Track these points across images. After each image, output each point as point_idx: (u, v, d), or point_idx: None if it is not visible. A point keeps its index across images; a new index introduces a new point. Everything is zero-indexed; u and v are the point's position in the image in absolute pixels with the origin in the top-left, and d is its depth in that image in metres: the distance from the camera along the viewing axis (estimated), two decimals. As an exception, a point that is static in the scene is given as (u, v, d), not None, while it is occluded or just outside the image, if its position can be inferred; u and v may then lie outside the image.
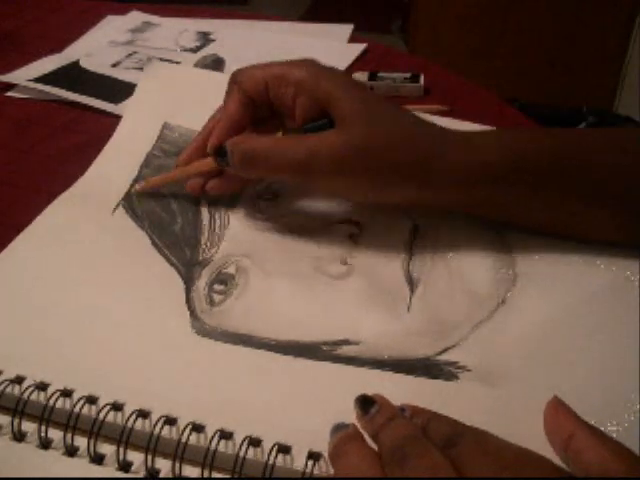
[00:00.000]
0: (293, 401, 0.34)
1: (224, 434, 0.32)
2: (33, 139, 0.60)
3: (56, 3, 0.90)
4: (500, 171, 0.40)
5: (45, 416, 0.33)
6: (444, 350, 0.37)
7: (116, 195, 0.49)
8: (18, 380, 0.34)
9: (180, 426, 0.32)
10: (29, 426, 0.33)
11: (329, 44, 0.78)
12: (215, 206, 0.48)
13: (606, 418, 0.33)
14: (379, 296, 0.40)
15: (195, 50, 0.77)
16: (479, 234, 0.44)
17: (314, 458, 0.31)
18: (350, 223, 0.45)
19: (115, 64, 0.73)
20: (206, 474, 0.31)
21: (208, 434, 0.32)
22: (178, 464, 0.31)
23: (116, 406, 0.33)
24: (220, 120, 0.46)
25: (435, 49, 1.95)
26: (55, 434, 0.33)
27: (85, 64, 0.72)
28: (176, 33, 0.81)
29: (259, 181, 0.50)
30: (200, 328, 0.38)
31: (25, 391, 0.34)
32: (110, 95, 0.65)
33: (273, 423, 0.33)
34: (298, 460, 0.31)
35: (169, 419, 0.33)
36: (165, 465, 0.32)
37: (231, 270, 0.42)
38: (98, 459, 0.32)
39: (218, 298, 0.41)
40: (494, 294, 0.40)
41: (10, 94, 0.67)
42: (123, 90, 0.66)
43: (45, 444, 0.32)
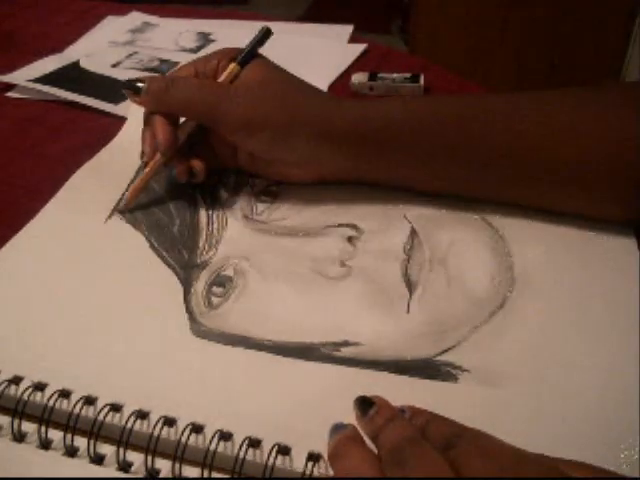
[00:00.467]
0: (292, 402, 0.34)
1: (224, 435, 0.32)
2: (33, 139, 0.60)
3: (56, 4, 0.90)
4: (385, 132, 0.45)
5: (45, 416, 0.33)
6: (443, 351, 0.37)
7: (114, 196, 0.49)
8: (16, 380, 0.35)
9: (180, 427, 0.32)
10: (29, 427, 0.33)
11: (329, 44, 0.78)
12: (213, 208, 0.48)
13: (605, 419, 0.33)
14: (378, 298, 0.40)
15: (195, 50, 0.77)
16: (477, 237, 0.44)
17: (314, 459, 0.31)
18: (348, 226, 0.45)
19: (115, 64, 0.73)
20: (206, 474, 0.31)
21: (208, 435, 0.32)
22: (178, 464, 0.31)
23: (115, 407, 0.33)
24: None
25: (435, 49, 1.95)
26: (55, 435, 0.33)
27: (85, 64, 0.72)
28: (176, 33, 0.81)
29: (258, 183, 0.50)
30: (199, 330, 0.38)
31: (25, 392, 0.34)
32: (110, 95, 0.65)
33: (272, 424, 0.33)
34: (298, 461, 0.31)
35: (168, 419, 0.33)
36: (165, 465, 0.32)
37: (229, 272, 0.42)
38: (98, 459, 0.32)
39: (217, 300, 0.41)
40: (493, 297, 0.40)
41: (10, 94, 0.67)
42: (123, 90, 0.66)
43: (45, 445, 0.33)
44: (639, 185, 0.41)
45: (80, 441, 0.32)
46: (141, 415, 0.33)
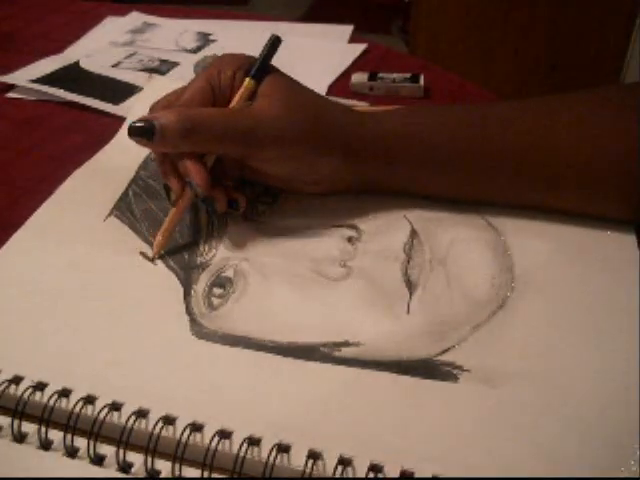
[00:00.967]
0: (292, 402, 0.34)
1: (224, 434, 0.32)
2: (33, 140, 0.60)
3: (56, 4, 0.90)
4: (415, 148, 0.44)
5: (45, 417, 0.33)
6: (443, 351, 0.37)
7: (114, 195, 0.49)
8: (16, 380, 0.35)
9: (180, 426, 0.32)
10: (29, 427, 0.33)
11: (329, 44, 0.79)
12: (213, 209, 0.48)
13: (605, 419, 0.33)
14: (378, 298, 0.40)
15: (195, 51, 0.77)
16: (477, 237, 0.44)
17: (314, 457, 0.31)
18: (348, 226, 0.45)
19: (115, 65, 0.73)
20: (206, 474, 0.31)
21: (208, 434, 0.32)
22: (178, 464, 0.31)
23: (115, 406, 0.33)
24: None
25: (435, 49, 1.95)
26: (55, 435, 0.33)
27: (85, 65, 0.72)
28: (176, 34, 0.81)
29: (258, 183, 0.50)
30: (199, 332, 0.38)
31: (25, 392, 0.34)
32: (110, 96, 0.65)
33: (273, 423, 0.33)
34: (298, 460, 0.31)
35: (168, 419, 0.33)
36: (165, 466, 0.32)
37: (229, 273, 0.42)
38: (98, 460, 0.32)
39: (217, 302, 0.41)
40: (493, 297, 0.40)
41: (10, 95, 0.67)
42: (123, 91, 0.66)
43: (45, 445, 0.33)
44: None
45: (80, 442, 0.32)
46: (141, 414, 0.33)
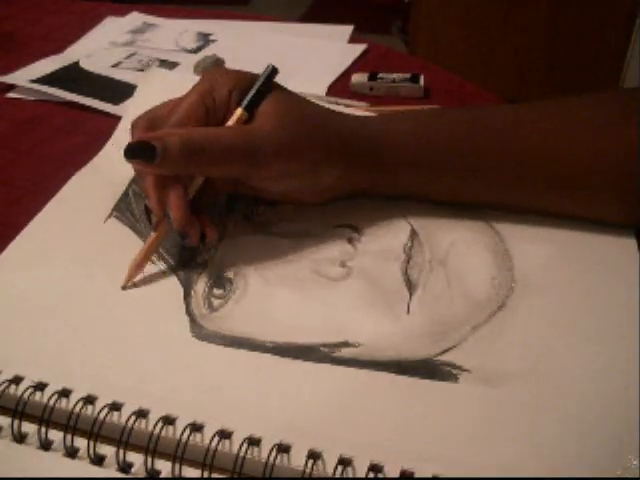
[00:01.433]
0: (292, 402, 0.34)
1: (224, 434, 0.32)
2: (33, 140, 0.60)
3: (56, 4, 0.90)
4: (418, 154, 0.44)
5: (45, 417, 0.33)
6: (443, 351, 0.37)
7: (114, 195, 0.49)
8: (16, 380, 0.35)
9: (180, 426, 0.32)
10: (30, 428, 0.33)
11: (329, 45, 0.79)
12: (213, 209, 0.48)
13: (605, 419, 0.33)
14: (378, 298, 0.40)
15: (195, 51, 0.77)
16: (477, 237, 0.44)
17: (314, 458, 0.31)
18: (348, 227, 0.45)
19: (115, 65, 0.73)
20: (206, 474, 0.31)
21: (208, 434, 0.32)
22: (178, 464, 0.31)
23: (115, 406, 0.33)
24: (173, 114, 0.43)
25: (435, 49, 1.95)
26: (55, 435, 0.33)
27: (85, 65, 0.72)
28: (176, 34, 0.81)
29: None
30: (199, 333, 0.38)
31: (25, 392, 0.34)
32: (110, 96, 0.65)
33: (272, 423, 0.33)
34: (298, 460, 0.31)
35: (168, 419, 0.33)
36: (165, 466, 0.32)
37: (230, 274, 0.42)
38: (98, 461, 0.32)
39: (217, 302, 0.41)
40: (493, 297, 0.40)
41: (10, 95, 0.67)
42: (123, 91, 0.66)
43: (46, 445, 0.33)
44: None
45: (80, 442, 0.32)
46: (141, 414, 0.33)
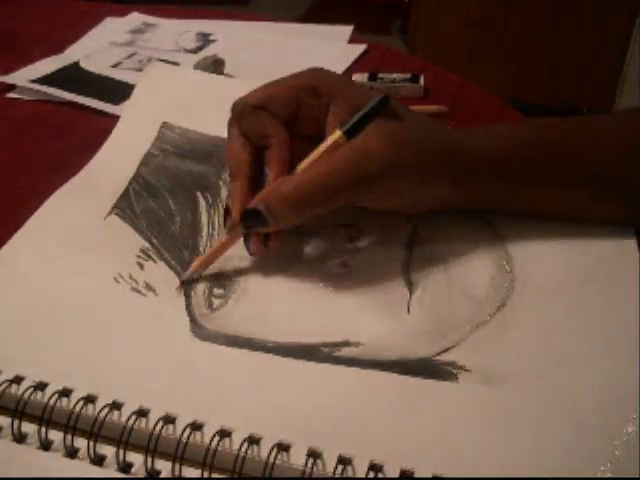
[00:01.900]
0: (293, 402, 0.34)
1: (224, 433, 0.32)
2: (33, 140, 0.60)
3: (56, 4, 0.90)
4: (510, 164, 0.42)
5: (45, 417, 0.33)
6: (444, 351, 0.37)
7: (114, 194, 0.49)
8: (17, 380, 0.35)
9: (180, 425, 0.32)
10: (30, 428, 0.33)
11: (329, 45, 0.78)
12: (214, 208, 0.48)
13: (605, 419, 0.33)
14: (378, 297, 0.40)
15: (195, 51, 0.77)
16: (478, 237, 0.44)
17: (314, 457, 0.31)
18: (349, 226, 0.45)
19: (115, 65, 0.73)
20: (206, 474, 0.31)
21: (208, 434, 0.32)
22: (178, 464, 0.31)
23: (115, 406, 0.33)
24: (235, 178, 0.42)
25: (435, 49, 1.95)
26: (55, 435, 0.33)
27: (85, 65, 0.72)
28: (176, 34, 0.81)
29: None
30: (199, 332, 0.38)
31: (25, 392, 0.34)
32: (110, 96, 0.65)
33: (272, 423, 0.33)
34: (298, 459, 0.31)
35: (168, 419, 0.33)
36: (165, 466, 0.32)
37: (230, 274, 0.42)
38: (98, 460, 0.32)
39: (217, 302, 0.40)
40: (493, 297, 0.40)
41: (10, 95, 0.67)
42: (123, 91, 0.66)
43: (46, 445, 0.33)
44: None
45: (80, 442, 0.32)
46: (141, 414, 0.33)
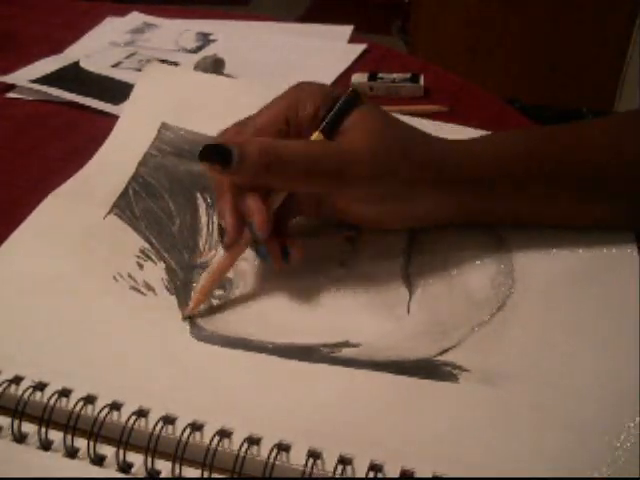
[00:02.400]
0: (292, 402, 0.34)
1: (224, 434, 0.32)
2: (33, 140, 0.60)
3: (56, 4, 0.90)
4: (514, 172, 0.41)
5: (45, 417, 0.33)
6: (443, 351, 0.37)
7: (113, 193, 0.49)
8: (17, 380, 0.35)
9: (180, 426, 0.32)
10: (30, 428, 0.33)
11: (329, 45, 0.78)
12: (213, 209, 0.48)
13: (605, 419, 0.33)
14: (378, 298, 0.40)
15: (195, 51, 0.77)
16: (477, 238, 0.44)
17: (314, 457, 0.31)
18: (348, 226, 0.45)
19: (115, 65, 0.73)
20: (206, 474, 0.31)
21: (208, 434, 0.32)
22: (178, 464, 0.31)
23: (115, 406, 0.33)
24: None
25: (435, 49, 1.95)
26: (55, 435, 0.33)
27: (85, 65, 0.72)
28: (176, 34, 0.81)
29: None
30: (198, 333, 0.38)
31: (25, 392, 0.34)
32: (110, 96, 0.65)
33: (272, 423, 0.33)
34: (298, 459, 0.31)
35: (168, 419, 0.33)
36: (165, 466, 0.32)
37: (229, 274, 0.42)
38: (98, 460, 0.32)
39: (217, 302, 0.40)
40: (493, 298, 0.40)
41: (10, 95, 0.67)
42: (123, 91, 0.66)
43: (46, 445, 0.33)
44: None
45: (80, 442, 0.32)
46: (141, 414, 0.33)
